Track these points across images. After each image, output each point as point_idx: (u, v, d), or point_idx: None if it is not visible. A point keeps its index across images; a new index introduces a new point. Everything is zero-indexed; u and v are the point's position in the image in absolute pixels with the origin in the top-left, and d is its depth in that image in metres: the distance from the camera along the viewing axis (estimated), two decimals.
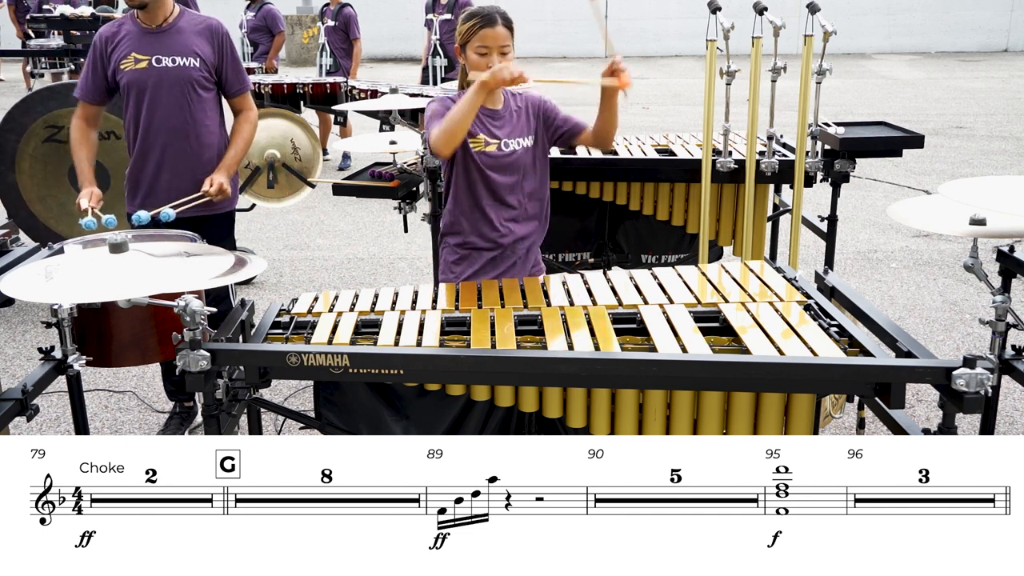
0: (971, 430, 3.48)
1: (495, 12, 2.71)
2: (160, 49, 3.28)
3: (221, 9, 15.42)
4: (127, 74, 3.28)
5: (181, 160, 3.36)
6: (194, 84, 3.30)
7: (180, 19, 3.32)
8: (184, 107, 3.32)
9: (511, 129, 2.79)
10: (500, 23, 2.68)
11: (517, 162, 2.78)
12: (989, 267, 2.33)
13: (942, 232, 2.27)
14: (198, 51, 3.30)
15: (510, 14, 2.75)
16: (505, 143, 2.77)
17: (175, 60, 3.28)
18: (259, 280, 5.46)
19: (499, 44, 2.67)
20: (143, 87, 3.29)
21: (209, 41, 3.33)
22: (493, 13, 2.70)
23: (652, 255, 4.17)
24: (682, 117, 10.96)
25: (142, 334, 2.42)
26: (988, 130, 9.85)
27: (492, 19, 2.68)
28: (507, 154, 2.77)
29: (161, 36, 3.29)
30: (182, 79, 3.29)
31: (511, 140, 2.78)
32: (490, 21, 2.68)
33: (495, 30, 2.67)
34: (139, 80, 3.28)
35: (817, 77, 3.42)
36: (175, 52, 3.28)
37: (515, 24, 2.74)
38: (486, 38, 2.67)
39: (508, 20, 2.70)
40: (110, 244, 2.09)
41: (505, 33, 2.68)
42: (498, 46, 2.67)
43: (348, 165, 8.31)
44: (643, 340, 2.19)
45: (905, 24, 18.05)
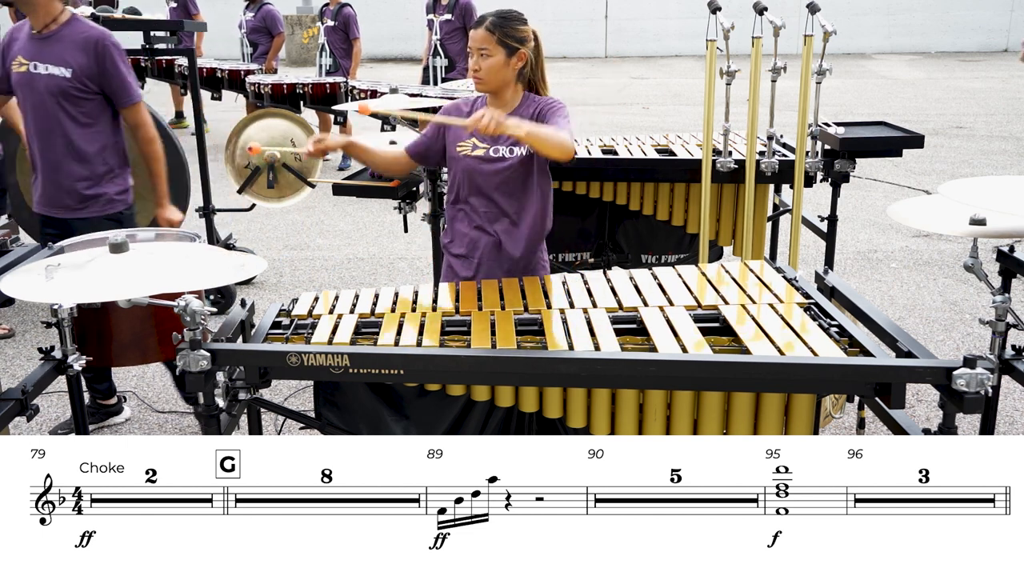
0: (971, 430, 3.48)
1: (486, 15, 2.75)
2: (39, 55, 3.29)
3: (221, 9, 15.41)
4: (13, 76, 3.35)
5: (50, 167, 3.39)
6: (64, 94, 3.29)
7: (65, 27, 3.30)
8: (55, 116, 3.32)
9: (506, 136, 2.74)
10: (482, 26, 2.71)
11: (509, 168, 2.76)
12: (989, 267, 2.33)
13: (942, 232, 2.27)
14: (71, 62, 3.27)
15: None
16: (495, 149, 2.77)
17: (48, 68, 3.28)
18: (259, 280, 5.46)
19: (476, 46, 2.72)
20: (24, 91, 3.34)
21: (86, 52, 3.28)
22: (484, 15, 2.75)
23: (652, 255, 4.17)
24: (682, 117, 10.95)
25: (142, 334, 2.43)
26: (988, 130, 9.85)
27: (478, 20, 2.75)
28: (496, 159, 2.76)
29: (43, 42, 3.30)
30: (51, 88, 3.28)
31: (502, 146, 2.77)
32: (476, 22, 2.75)
33: (475, 32, 2.73)
34: (20, 83, 3.34)
35: (817, 77, 3.42)
36: (50, 60, 3.28)
37: None
38: (471, 39, 2.75)
39: (494, 24, 2.70)
40: (110, 244, 2.09)
41: (483, 35, 2.69)
42: (476, 48, 2.72)
43: (348, 165, 8.31)
44: (643, 340, 2.19)
45: (905, 24, 18.05)
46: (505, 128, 2.44)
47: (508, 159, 2.76)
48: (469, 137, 2.77)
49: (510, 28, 2.70)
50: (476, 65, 2.73)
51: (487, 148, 2.77)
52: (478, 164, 2.77)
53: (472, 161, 2.78)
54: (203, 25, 5.77)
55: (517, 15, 2.75)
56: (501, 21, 2.71)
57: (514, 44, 2.71)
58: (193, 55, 4.89)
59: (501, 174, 2.76)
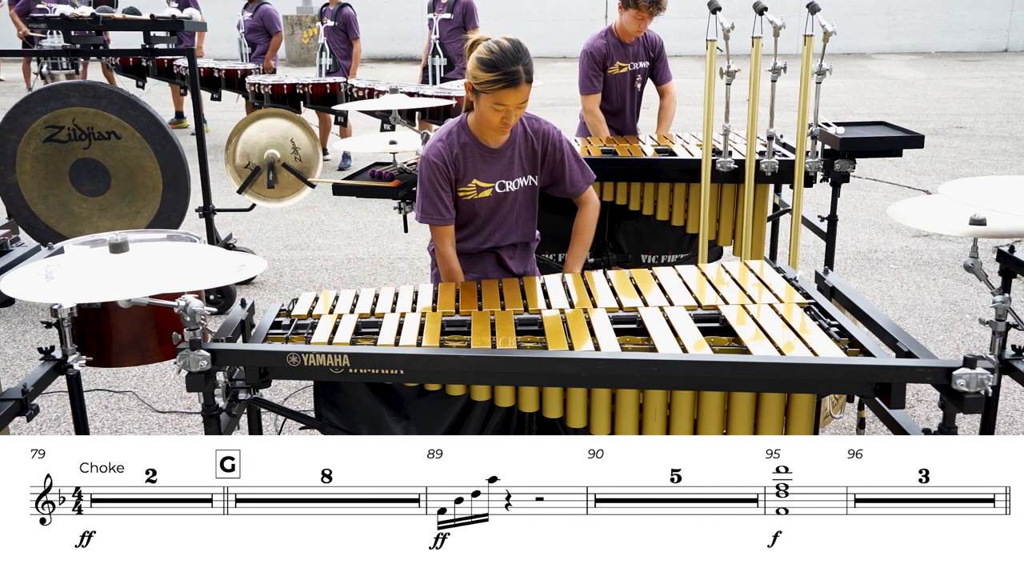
0: (971, 430, 3.48)
1: (520, 68, 2.44)
2: None
3: (220, 9, 15.43)
4: None
5: None
6: None
7: None
8: None
9: (507, 169, 2.71)
10: (524, 81, 2.44)
11: (510, 200, 2.75)
12: (989, 267, 2.33)
13: (942, 232, 2.27)
14: None
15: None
16: (501, 184, 2.71)
17: None
18: (259, 280, 5.46)
19: (518, 103, 2.48)
20: None
21: None
22: (518, 71, 2.43)
23: (652, 255, 4.17)
24: (682, 117, 10.92)
25: (142, 334, 2.42)
26: (988, 130, 9.85)
27: (516, 79, 2.43)
28: (502, 196, 2.73)
29: None
30: None
31: (508, 181, 2.72)
32: (514, 81, 2.43)
33: (518, 90, 2.45)
34: None
35: (817, 77, 3.42)
36: None
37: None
38: (507, 98, 2.46)
39: (530, 73, 2.47)
40: (110, 244, 2.09)
41: (527, 90, 2.46)
42: (517, 104, 2.49)
43: (348, 165, 8.31)
44: (643, 340, 2.19)
45: (905, 24, 18.05)
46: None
47: (513, 191, 2.75)
48: (471, 180, 2.69)
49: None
50: (514, 120, 2.53)
51: (492, 186, 2.71)
52: (488, 203, 2.75)
53: (480, 202, 2.74)
54: (203, 25, 5.76)
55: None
56: (531, 64, 2.50)
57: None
58: (193, 55, 4.88)
59: (506, 206, 2.76)
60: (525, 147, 2.72)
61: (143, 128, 4.79)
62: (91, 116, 4.75)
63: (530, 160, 2.73)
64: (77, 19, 4.77)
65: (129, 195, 4.89)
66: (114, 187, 4.87)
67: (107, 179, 4.84)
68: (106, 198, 4.89)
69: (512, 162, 2.70)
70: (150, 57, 5.37)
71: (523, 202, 2.79)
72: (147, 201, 4.92)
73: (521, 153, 2.72)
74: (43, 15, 4.92)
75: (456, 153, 2.65)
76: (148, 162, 4.83)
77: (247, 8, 8.67)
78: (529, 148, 2.72)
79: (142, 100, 4.87)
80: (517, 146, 2.71)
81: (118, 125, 4.76)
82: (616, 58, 4.53)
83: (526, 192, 2.77)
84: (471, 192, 2.69)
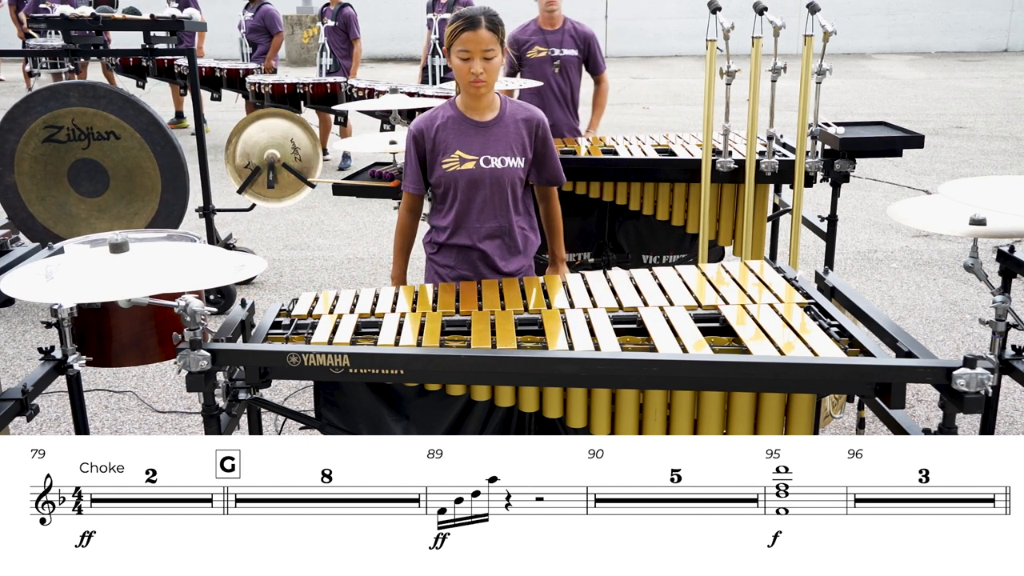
0: (971, 430, 3.48)
1: (479, 14, 2.54)
2: None
3: (221, 9, 15.42)
4: None
5: None
6: None
7: None
8: None
9: (493, 144, 2.70)
10: (484, 25, 2.51)
11: (495, 177, 2.71)
12: (989, 267, 2.33)
13: (942, 232, 2.27)
14: None
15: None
16: (486, 159, 2.69)
17: None
18: (259, 280, 5.46)
19: (481, 48, 2.52)
20: None
21: None
22: (477, 15, 2.53)
23: (652, 255, 4.18)
24: (682, 117, 10.96)
25: (142, 334, 2.42)
26: (988, 130, 9.85)
27: (475, 21, 2.52)
28: (487, 171, 2.70)
29: None
30: None
31: (493, 157, 2.70)
32: (472, 24, 2.51)
33: (477, 33, 2.51)
34: None
35: (817, 77, 3.42)
36: None
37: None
38: (468, 42, 2.53)
39: (494, 22, 2.54)
40: (110, 244, 2.09)
41: (489, 36, 2.52)
42: (480, 50, 2.53)
43: (348, 165, 8.31)
44: (643, 340, 2.18)
45: (905, 24, 18.05)
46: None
47: (499, 169, 2.72)
48: (454, 151, 2.70)
49: (503, 26, 2.61)
50: (480, 68, 2.56)
51: (477, 159, 2.70)
52: (471, 175, 2.71)
53: (462, 174, 2.71)
54: (203, 25, 5.77)
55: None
56: (497, 19, 2.59)
57: (503, 42, 2.61)
58: (193, 55, 4.89)
59: (491, 182, 2.73)
60: (515, 127, 2.74)
61: (142, 128, 4.78)
62: (90, 116, 4.75)
63: (519, 141, 2.74)
64: (77, 19, 4.77)
65: (127, 196, 4.89)
66: (112, 188, 4.87)
67: (105, 180, 4.83)
68: (104, 199, 4.89)
69: (499, 139, 2.72)
70: (150, 57, 5.37)
71: (509, 184, 2.75)
72: (145, 202, 4.92)
73: (510, 132, 2.73)
74: (43, 15, 4.92)
75: (437, 125, 2.72)
76: (147, 163, 4.83)
77: (248, 8, 8.67)
78: (518, 129, 2.75)
79: (142, 100, 4.87)
80: (506, 125, 2.73)
81: (117, 125, 4.75)
82: (535, 43, 4.80)
83: (512, 173, 2.73)
84: (454, 163, 2.71)
